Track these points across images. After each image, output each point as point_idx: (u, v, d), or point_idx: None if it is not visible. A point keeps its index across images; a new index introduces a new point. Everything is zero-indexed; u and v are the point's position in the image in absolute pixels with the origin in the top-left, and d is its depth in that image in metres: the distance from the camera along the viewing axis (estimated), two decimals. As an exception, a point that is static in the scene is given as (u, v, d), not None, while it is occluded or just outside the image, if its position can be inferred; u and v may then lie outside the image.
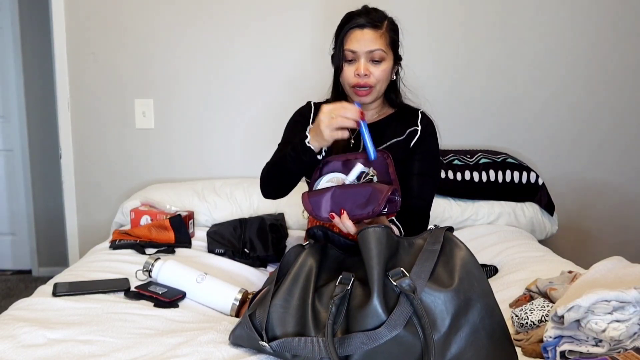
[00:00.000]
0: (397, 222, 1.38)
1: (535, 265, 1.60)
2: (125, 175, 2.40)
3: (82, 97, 2.37)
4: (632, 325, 0.93)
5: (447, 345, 0.95)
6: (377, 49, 1.35)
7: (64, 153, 2.40)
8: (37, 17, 3.21)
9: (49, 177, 3.33)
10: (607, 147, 2.37)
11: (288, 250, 1.15)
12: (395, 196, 1.14)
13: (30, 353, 1.07)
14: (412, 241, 1.07)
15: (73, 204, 2.43)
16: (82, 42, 2.33)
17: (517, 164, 2.14)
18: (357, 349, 0.95)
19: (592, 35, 2.30)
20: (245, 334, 1.06)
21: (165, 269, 1.42)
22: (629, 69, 2.32)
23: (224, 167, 2.39)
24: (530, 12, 2.28)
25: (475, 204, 2.11)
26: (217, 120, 2.37)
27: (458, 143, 2.32)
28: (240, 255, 1.75)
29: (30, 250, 3.44)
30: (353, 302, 1.01)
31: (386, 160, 1.21)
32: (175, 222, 1.84)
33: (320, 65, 2.26)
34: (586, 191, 2.40)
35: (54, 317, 1.23)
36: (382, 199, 1.11)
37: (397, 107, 1.50)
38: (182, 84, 2.35)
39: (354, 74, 1.37)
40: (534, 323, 1.15)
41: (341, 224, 1.14)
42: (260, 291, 1.17)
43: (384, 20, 1.39)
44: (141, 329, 1.19)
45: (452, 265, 1.01)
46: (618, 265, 1.10)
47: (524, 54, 2.31)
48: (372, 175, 1.22)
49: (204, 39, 2.32)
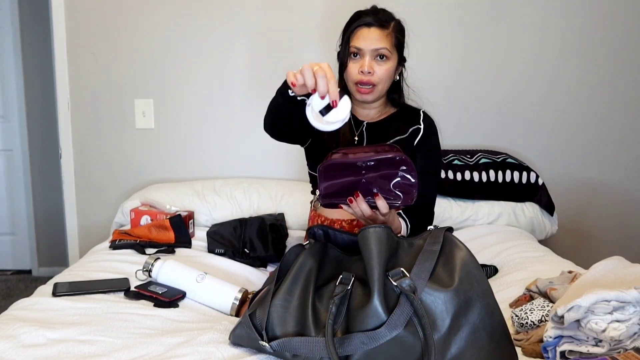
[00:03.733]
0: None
1: (535, 265, 1.60)
2: (125, 175, 2.40)
3: (82, 97, 2.37)
4: (632, 325, 0.92)
5: (448, 345, 0.95)
6: (383, 48, 1.37)
7: (64, 153, 2.40)
8: (37, 17, 3.21)
9: (49, 177, 3.33)
10: (607, 146, 2.37)
11: (288, 250, 1.15)
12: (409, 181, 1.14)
13: (30, 353, 1.06)
14: (412, 241, 1.07)
15: (73, 204, 2.43)
16: (82, 42, 2.33)
17: (517, 164, 2.14)
18: (357, 349, 0.95)
19: (590, 34, 2.30)
20: (245, 334, 1.06)
21: (165, 268, 1.42)
22: (628, 67, 2.32)
23: (224, 167, 2.39)
24: (530, 12, 2.28)
25: (475, 204, 2.11)
26: (217, 120, 2.37)
27: (458, 143, 2.32)
28: (240, 255, 1.75)
29: (30, 250, 3.44)
30: (353, 302, 1.01)
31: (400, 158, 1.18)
32: (175, 222, 1.84)
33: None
34: (586, 191, 2.40)
35: (54, 317, 1.23)
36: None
37: (399, 107, 1.52)
38: (182, 83, 2.35)
39: (357, 71, 1.38)
40: (534, 323, 1.15)
41: (357, 207, 1.15)
42: (260, 291, 1.17)
43: (391, 21, 1.42)
44: (141, 329, 1.19)
45: (452, 265, 1.01)
46: (618, 265, 1.10)
47: (524, 54, 2.31)
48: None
49: (204, 38, 2.32)
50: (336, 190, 1.17)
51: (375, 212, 1.18)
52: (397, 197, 1.17)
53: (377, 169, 1.16)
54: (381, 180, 1.16)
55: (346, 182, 1.17)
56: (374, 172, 1.16)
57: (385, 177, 1.16)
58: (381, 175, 1.16)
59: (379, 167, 1.16)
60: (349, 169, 1.16)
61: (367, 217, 1.19)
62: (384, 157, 1.14)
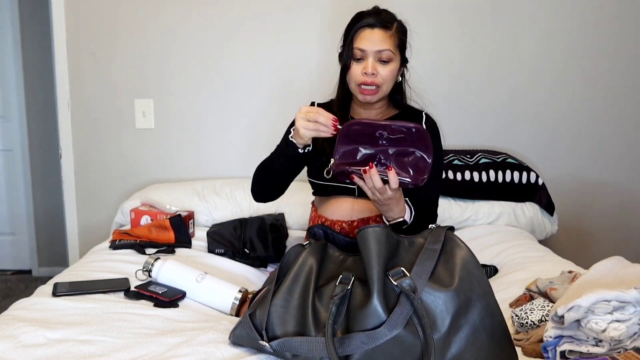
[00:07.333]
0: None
1: (535, 265, 1.60)
2: (125, 175, 2.40)
3: (82, 97, 2.37)
4: (632, 325, 0.93)
5: (447, 345, 0.95)
6: (386, 49, 1.37)
7: (64, 153, 2.40)
8: (37, 17, 3.21)
9: (49, 177, 3.33)
10: (607, 146, 2.37)
11: (288, 250, 1.15)
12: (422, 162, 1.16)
13: (30, 353, 1.06)
14: (412, 240, 1.07)
15: (73, 204, 2.43)
16: (82, 42, 2.33)
17: (517, 164, 2.14)
18: (357, 348, 0.95)
19: (592, 34, 2.30)
20: (245, 334, 1.06)
21: (165, 268, 1.42)
22: (628, 68, 2.32)
23: (224, 167, 2.39)
24: (530, 11, 2.28)
25: (475, 204, 2.11)
26: (218, 120, 2.37)
27: (458, 143, 2.32)
28: (240, 255, 1.75)
29: (30, 250, 3.44)
30: (353, 301, 1.01)
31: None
32: (175, 222, 1.84)
33: (323, 65, 2.26)
34: (586, 191, 2.40)
35: (54, 317, 1.23)
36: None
37: (401, 108, 1.52)
38: (182, 83, 2.35)
39: (361, 73, 1.38)
40: (534, 323, 1.15)
41: (369, 178, 1.18)
42: (260, 291, 1.17)
43: (394, 21, 1.41)
44: (141, 329, 1.19)
45: (452, 264, 1.01)
46: (618, 265, 1.10)
47: (524, 54, 2.31)
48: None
49: (204, 38, 2.32)
50: (351, 160, 1.19)
51: (385, 187, 1.19)
52: (408, 175, 1.18)
53: (395, 142, 1.17)
54: (397, 158, 1.18)
55: (362, 154, 1.19)
56: (392, 146, 1.17)
57: (402, 154, 1.18)
58: (398, 152, 1.17)
59: (397, 142, 1.17)
60: (368, 136, 1.18)
61: (377, 190, 1.20)
62: (405, 125, 1.15)
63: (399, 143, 1.17)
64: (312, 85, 2.26)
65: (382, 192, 1.21)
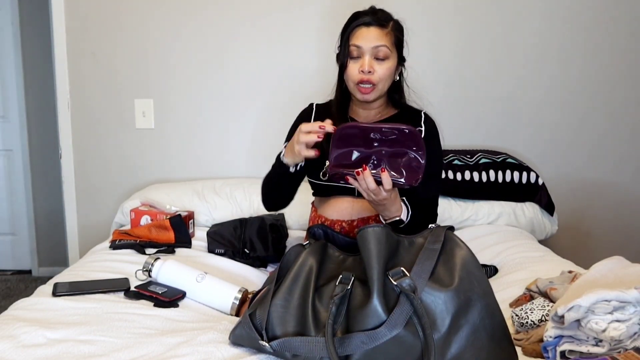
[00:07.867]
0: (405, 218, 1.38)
1: (535, 265, 1.60)
2: (125, 175, 2.40)
3: (82, 97, 2.37)
4: (632, 325, 0.92)
5: (447, 345, 0.95)
6: (382, 45, 1.38)
7: (64, 153, 2.40)
8: (37, 17, 3.21)
9: (49, 177, 3.33)
10: (607, 147, 2.37)
11: (288, 250, 1.15)
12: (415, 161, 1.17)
13: (30, 353, 1.06)
14: (412, 240, 1.07)
15: (73, 204, 2.43)
16: (82, 42, 2.33)
17: (517, 164, 2.14)
18: (357, 348, 0.95)
19: (591, 34, 2.30)
20: (245, 334, 1.06)
21: (165, 268, 1.42)
22: (628, 67, 2.32)
23: (224, 167, 2.39)
24: (529, 11, 2.28)
25: (475, 204, 2.11)
26: (218, 120, 2.37)
27: (458, 143, 2.32)
28: (240, 255, 1.75)
29: (30, 250, 3.44)
30: (353, 301, 1.01)
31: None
32: (175, 222, 1.84)
33: (323, 66, 2.26)
34: (586, 191, 2.40)
35: (54, 317, 1.23)
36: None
37: (400, 108, 1.52)
38: (182, 83, 2.35)
39: (358, 71, 1.39)
40: (534, 323, 1.15)
41: (363, 180, 1.18)
42: (260, 291, 1.17)
43: (390, 20, 1.42)
44: (141, 329, 1.19)
45: (452, 264, 1.01)
46: (618, 265, 1.10)
47: (524, 54, 2.31)
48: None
49: (204, 38, 2.32)
50: (345, 162, 1.19)
51: (379, 187, 1.19)
52: (402, 176, 1.18)
53: (389, 144, 1.17)
54: (390, 159, 1.18)
55: (356, 156, 1.19)
56: (385, 147, 1.18)
57: (396, 155, 1.18)
58: (391, 153, 1.18)
59: (391, 143, 1.17)
60: (361, 139, 1.17)
61: (371, 191, 1.20)
62: (397, 127, 1.15)
63: (392, 144, 1.17)
64: (311, 85, 2.26)
65: (376, 193, 1.21)
